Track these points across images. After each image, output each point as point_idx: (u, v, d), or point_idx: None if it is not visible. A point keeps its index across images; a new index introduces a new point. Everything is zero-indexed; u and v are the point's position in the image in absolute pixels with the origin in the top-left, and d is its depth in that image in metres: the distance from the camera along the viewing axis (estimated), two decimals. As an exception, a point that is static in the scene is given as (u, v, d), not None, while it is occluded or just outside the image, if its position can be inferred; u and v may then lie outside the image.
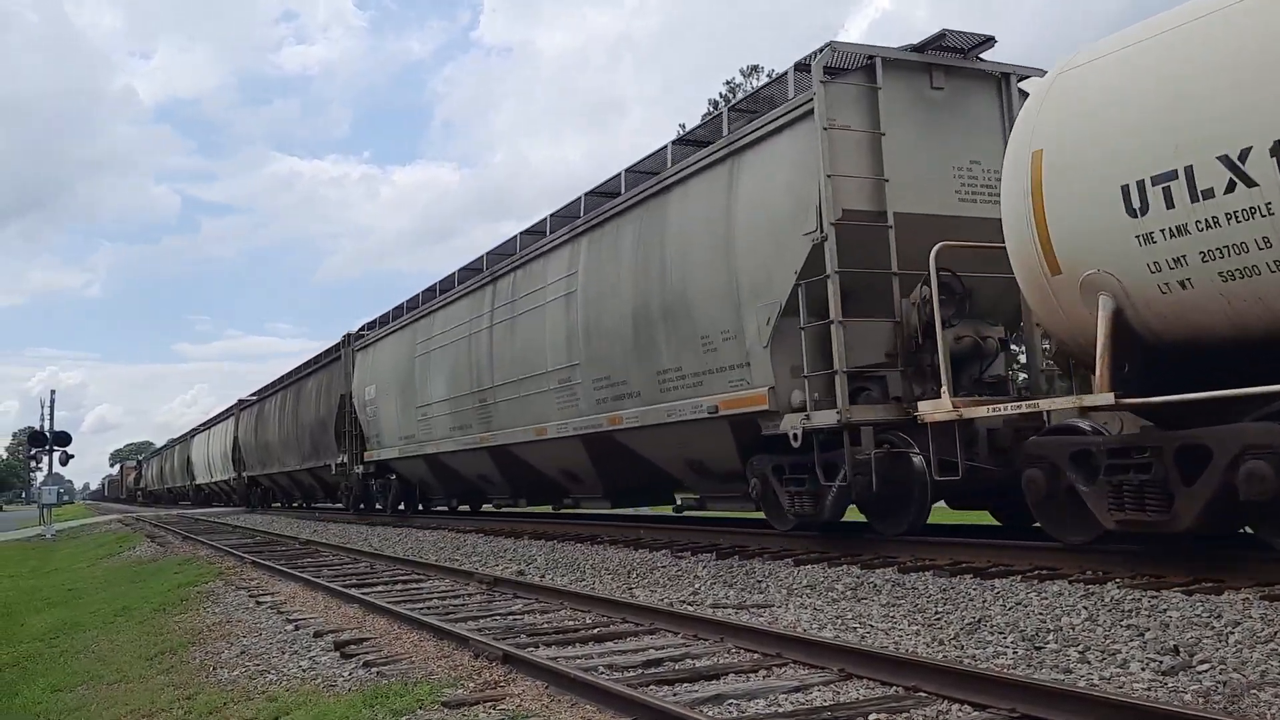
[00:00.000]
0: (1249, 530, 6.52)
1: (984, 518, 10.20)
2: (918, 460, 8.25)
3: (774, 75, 10.38)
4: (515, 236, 14.83)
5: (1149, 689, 3.97)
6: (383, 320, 21.12)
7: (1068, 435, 7.10)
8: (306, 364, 28.54)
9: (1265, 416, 5.81)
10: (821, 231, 8.34)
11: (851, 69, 8.78)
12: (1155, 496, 6.21)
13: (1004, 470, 7.96)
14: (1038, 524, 7.64)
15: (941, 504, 8.67)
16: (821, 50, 8.69)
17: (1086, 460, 6.72)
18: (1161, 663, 4.31)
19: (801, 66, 8.90)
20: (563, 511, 18.04)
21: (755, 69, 45.40)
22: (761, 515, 9.98)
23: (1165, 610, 5.34)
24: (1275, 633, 4.69)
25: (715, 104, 45.10)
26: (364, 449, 21.61)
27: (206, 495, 47.01)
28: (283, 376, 32.16)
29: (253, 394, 37.36)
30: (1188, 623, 5.04)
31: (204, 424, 48.37)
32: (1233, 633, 4.76)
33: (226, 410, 42.07)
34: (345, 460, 22.57)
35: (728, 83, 46.61)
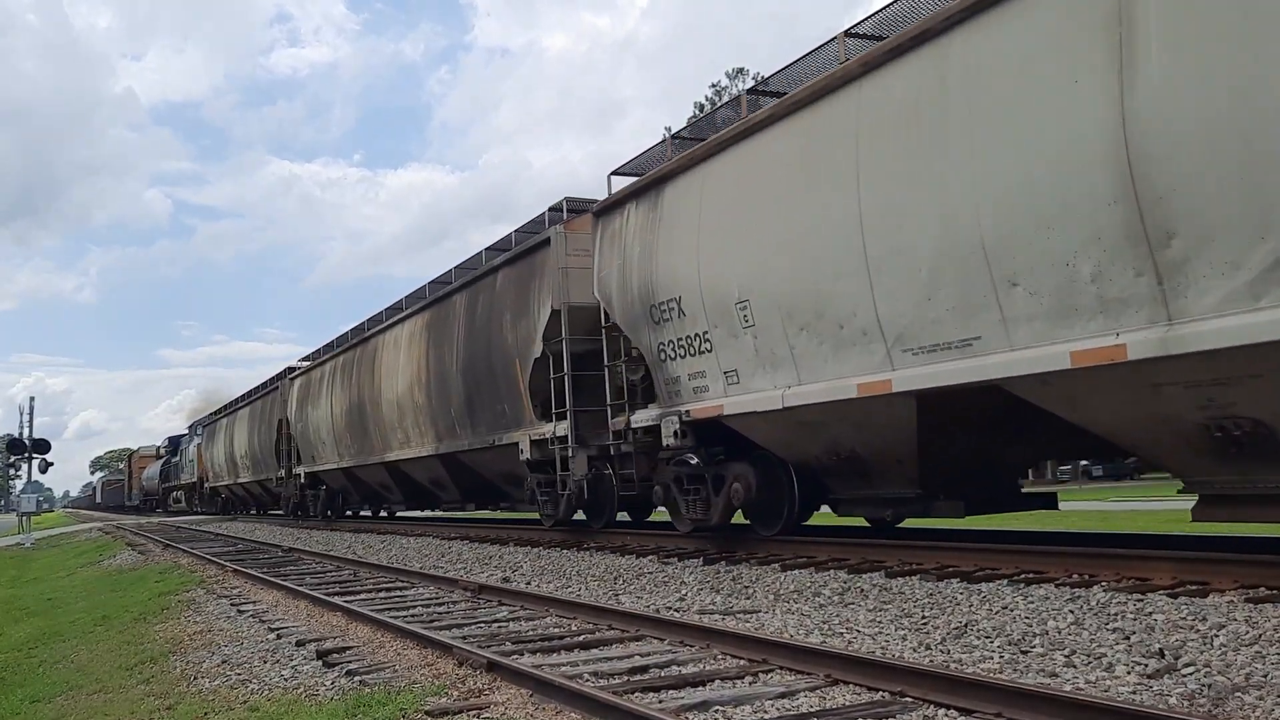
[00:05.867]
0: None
1: (970, 522, 10.22)
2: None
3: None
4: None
5: (1134, 692, 3.96)
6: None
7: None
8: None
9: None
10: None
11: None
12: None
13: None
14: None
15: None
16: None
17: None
18: (1147, 666, 4.31)
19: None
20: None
21: (741, 71, 45.51)
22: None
23: (1151, 613, 5.35)
24: (1260, 635, 4.70)
25: (701, 106, 45.17)
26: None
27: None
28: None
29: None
30: (1173, 625, 5.05)
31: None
32: (1218, 635, 4.76)
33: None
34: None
35: (714, 85, 46.70)
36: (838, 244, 7.61)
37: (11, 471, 38.18)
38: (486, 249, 15.67)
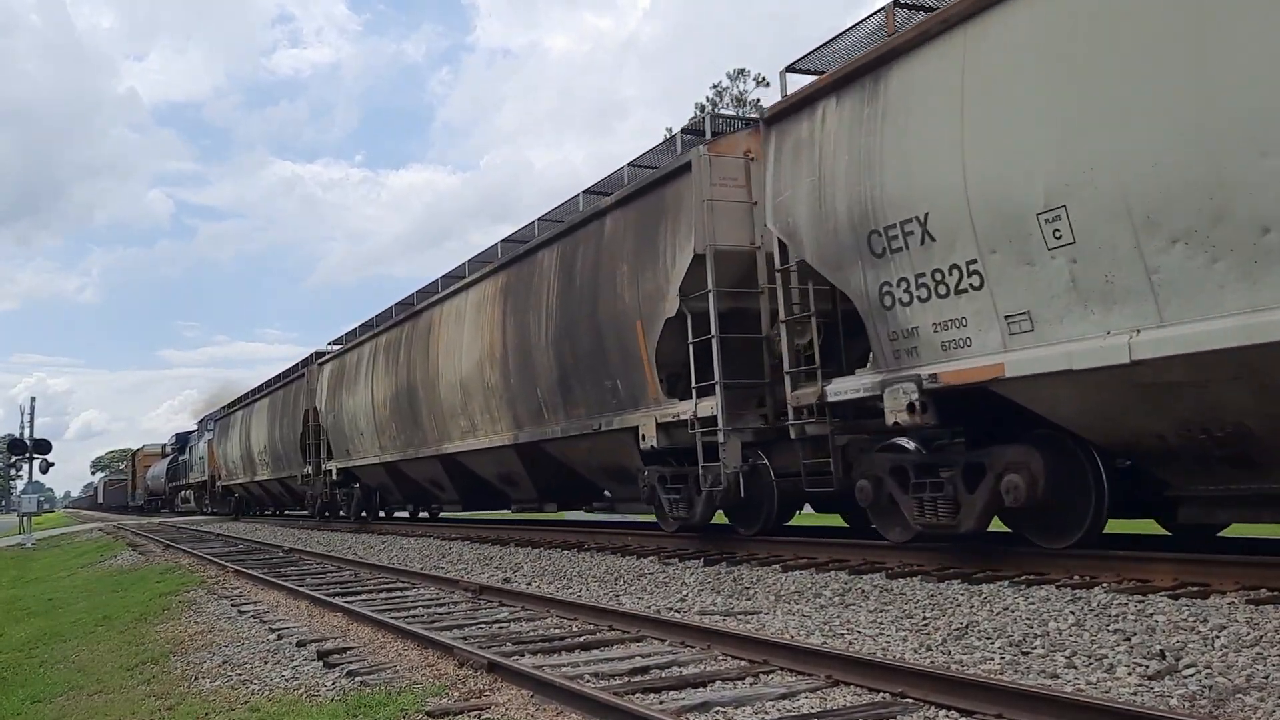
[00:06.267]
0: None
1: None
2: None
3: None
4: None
5: (1135, 693, 3.96)
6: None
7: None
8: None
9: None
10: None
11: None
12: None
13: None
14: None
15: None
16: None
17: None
18: (1148, 667, 4.31)
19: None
20: (549, 519, 18.09)
21: (742, 72, 45.49)
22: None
23: (1151, 614, 5.35)
24: (1261, 636, 4.70)
25: (701, 107, 45.19)
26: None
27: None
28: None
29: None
30: (1174, 627, 5.05)
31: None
32: (1219, 636, 4.76)
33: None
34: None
35: (714, 85, 46.68)
36: (1261, 102, 5.23)
37: (12, 472, 38.21)
38: (585, 191, 12.70)
